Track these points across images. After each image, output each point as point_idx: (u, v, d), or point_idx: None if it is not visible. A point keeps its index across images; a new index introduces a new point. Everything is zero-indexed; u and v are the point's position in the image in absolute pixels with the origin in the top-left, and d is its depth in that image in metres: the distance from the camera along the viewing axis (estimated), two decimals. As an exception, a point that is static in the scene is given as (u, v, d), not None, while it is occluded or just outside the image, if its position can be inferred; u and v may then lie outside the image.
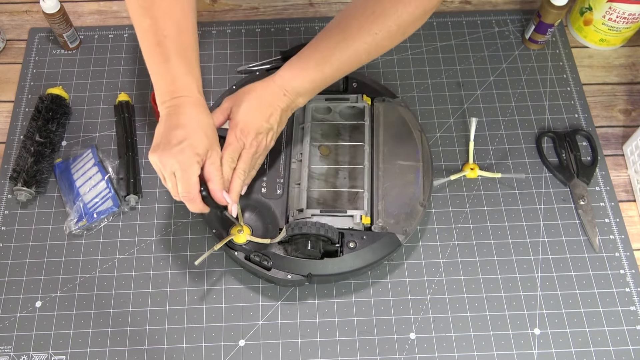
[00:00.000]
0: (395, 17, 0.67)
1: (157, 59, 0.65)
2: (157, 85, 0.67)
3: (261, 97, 0.71)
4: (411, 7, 0.66)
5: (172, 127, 0.64)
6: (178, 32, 0.65)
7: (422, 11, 0.67)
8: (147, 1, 0.64)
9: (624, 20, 0.91)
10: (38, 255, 0.79)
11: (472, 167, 0.85)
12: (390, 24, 0.67)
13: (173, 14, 0.65)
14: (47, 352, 0.73)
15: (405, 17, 0.67)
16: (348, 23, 0.69)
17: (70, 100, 0.91)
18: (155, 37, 0.65)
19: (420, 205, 0.76)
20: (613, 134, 0.90)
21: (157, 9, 0.64)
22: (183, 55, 0.65)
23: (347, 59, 0.70)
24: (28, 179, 0.80)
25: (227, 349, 0.74)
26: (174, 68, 0.65)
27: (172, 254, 0.80)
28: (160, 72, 0.66)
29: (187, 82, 0.66)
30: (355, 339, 0.75)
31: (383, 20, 0.67)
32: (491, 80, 0.94)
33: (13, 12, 1.01)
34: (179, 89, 0.65)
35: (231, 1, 1.03)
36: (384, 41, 0.69)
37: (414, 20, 0.68)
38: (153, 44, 0.65)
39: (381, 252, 0.73)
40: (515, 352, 0.74)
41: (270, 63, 0.93)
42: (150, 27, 0.64)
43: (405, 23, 0.68)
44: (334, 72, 0.71)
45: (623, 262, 0.80)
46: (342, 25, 0.70)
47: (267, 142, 0.71)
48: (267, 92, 0.71)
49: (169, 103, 0.65)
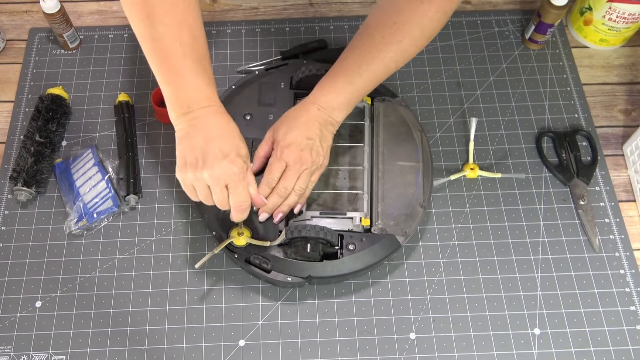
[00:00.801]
0: (417, 24, 0.68)
1: (173, 68, 0.62)
2: (175, 96, 0.63)
3: (297, 117, 0.72)
4: (431, 12, 0.67)
5: (210, 140, 0.63)
6: (193, 40, 0.63)
7: (443, 14, 0.68)
8: (158, 8, 0.60)
9: (624, 20, 0.91)
10: (38, 255, 0.79)
11: (472, 167, 0.85)
12: (413, 32, 0.68)
13: (187, 22, 0.62)
14: (47, 352, 0.73)
15: (427, 22, 0.68)
16: (371, 35, 0.70)
17: (70, 100, 0.91)
18: (170, 45, 0.61)
19: (420, 206, 0.76)
20: (613, 134, 0.90)
21: (170, 16, 0.61)
22: (200, 63, 0.64)
23: (375, 69, 0.71)
24: (28, 179, 0.80)
25: (227, 349, 0.74)
26: (193, 78, 0.63)
27: (172, 254, 0.80)
28: (178, 83, 0.63)
29: (209, 92, 0.65)
30: (355, 339, 0.75)
31: (405, 28, 0.68)
32: (491, 80, 0.94)
33: (13, 12, 1.01)
34: (202, 99, 0.64)
35: (231, 1, 1.03)
36: (410, 48, 0.70)
37: (435, 23, 0.68)
38: (166, 53, 0.62)
39: (381, 253, 0.73)
40: (515, 352, 0.74)
41: (270, 63, 0.93)
42: (163, 35, 0.61)
43: (428, 28, 0.69)
44: (365, 83, 0.71)
45: (623, 262, 0.80)
46: (366, 38, 0.71)
47: (314, 158, 0.71)
48: (302, 111, 0.73)
49: (192, 115, 0.64)
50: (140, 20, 0.62)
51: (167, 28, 0.61)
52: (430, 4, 0.66)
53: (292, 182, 0.71)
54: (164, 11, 0.61)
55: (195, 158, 0.63)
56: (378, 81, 0.73)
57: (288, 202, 0.72)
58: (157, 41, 0.62)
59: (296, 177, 0.71)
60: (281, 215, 0.73)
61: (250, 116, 0.81)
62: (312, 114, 0.72)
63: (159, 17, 0.61)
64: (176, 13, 0.61)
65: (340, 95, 0.72)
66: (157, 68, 0.64)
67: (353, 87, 0.72)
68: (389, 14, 0.69)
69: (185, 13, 0.62)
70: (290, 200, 0.72)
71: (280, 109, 0.82)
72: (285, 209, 0.73)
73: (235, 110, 0.82)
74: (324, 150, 0.73)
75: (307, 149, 0.71)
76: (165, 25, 0.61)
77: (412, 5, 0.67)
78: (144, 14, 0.61)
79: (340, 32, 0.98)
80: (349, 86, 0.71)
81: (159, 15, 0.61)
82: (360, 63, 0.70)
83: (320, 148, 0.72)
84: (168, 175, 0.85)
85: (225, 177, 0.64)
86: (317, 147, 0.72)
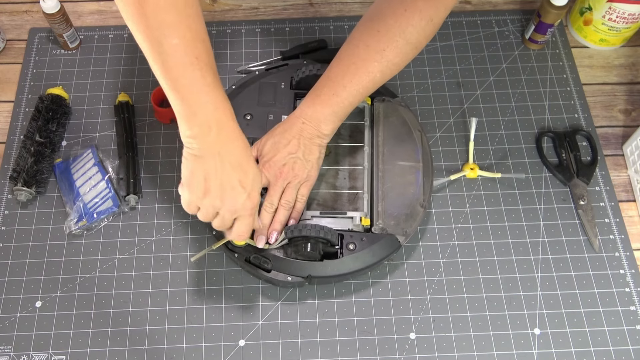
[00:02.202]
0: (400, 32, 0.66)
1: (189, 84, 0.55)
2: (192, 114, 0.56)
3: (282, 132, 0.72)
4: (414, 19, 0.65)
5: (228, 170, 0.60)
6: (208, 53, 0.56)
7: (428, 21, 0.66)
8: (169, 18, 0.52)
9: (623, 20, 0.91)
10: (38, 255, 0.79)
11: (472, 167, 0.85)
12: (396, 39, 0.67)
13: (199, 33, 0.54)
14: (47, 352, 0.73)
15: (410, 30, 0.66)
16: (355, 45, 0.69)
17: (70, 100, 0.91)
18: (185, 59, 0.54)
19: (421, 206, 0.76)
20: (613, 134, 0.90)
21: (184, 28, 0.53)
22: (216, 77, 0.57)
23: (360, 80, 0.69)
24: (28, 179, 0.80)
25: (227, 349, 0.74)
26: (212, 94, 0.56)
27: (172, 254, 0.80)
28: (194, 100, 0.56)
29: (228, 109, 0.59)
30: (355, 339, 0.75)
31: (389, 37, 0.67)
32: (491, 80, 0.94)
33: (13, 12, 1.01)
34: (221, 118, 0.58)
35: (231, 1, 1.03)
36: (395, 57, 0.68)
37: (420, 31, 0.67)
38: (181, 68, 0.54)
39: (381, 253, 0.73)
40: (515, 352, 0.74)
41: (270, 63, 0.93)
42: (177, 47, 0.53)
43: (412, 36, 0.67)
44: (351, 95, 0.70)
45: (623, 262, 0.80)
46: (350, 48, 0.70)
47: (296, 172, 0.71)
48: (287, 125, 0.72)
49: (210, 137, 0.58)
50: (148, 33, 0.53)
51: (182, 40, 0.53)
52: (414, 11, 0.65)
53: (277, 197, 0.71)
54: (175, 22, 0.53)
55: (209, 184, 0.61)
56: (365, 92, 0.71)
57: (279, 219, 0.72)
58: (170, 55, 0.54)
59: (280, 192, 0.71)
60: (275, 234, 0.71)
61: (251, 116, 0.81)
62: (296, 128, 0.72)
63: (173, 29, 0.53)
64: (189, 24, 0.54)
65: (325, 107, 0.71)
66: (170, 84, 0.56)
67: (338, 99, 0.70)
68: (373, 22, 0.68)
69: (197, 24, 0.55)
70: (281, 216, 0.72)
71: (281, 109, 0.82)
72: (277, 226, 0.71)
73: (235, 110, 0.81)
74: (309, 164, 0.72)
75: (289, 163, 0.71)
76: (181, 37, 0.53)
77: (395, 13, 0.66)
78: (154, 26, 0.52)
79: (340, 32, 0.98)
80: (333, 97, 0.70)
81: (172, 26, 0.53)
82: (344, 74, 0.69)
83: (305, 162, 0.72)
84: (168, 175, 0.85)
85: (241, 210, 0.64)
86: (301, 161, 0.71)
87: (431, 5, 0.65)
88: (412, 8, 0.65)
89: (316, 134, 0.72)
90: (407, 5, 0.66)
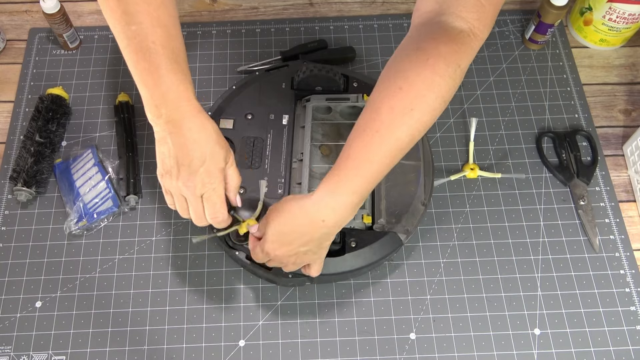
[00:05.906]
0: (427, 85, 0.57)
1: (147, 68, 0.58)
2: (150, 97, 0.59)
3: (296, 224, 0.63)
4: (440, 68, 0.56)
5: (184, 146, 0.60)
6: (168, 38, 0.58)
7: (456, 67, 0.57)
8: (132, 6, 0.57)
9: (624, 20, 0.91)
10: (38, 255, 0.79)
11: (472, 167, 0.85)
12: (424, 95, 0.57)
13: (160, 19, 0.58)
14: (47, 352, 0.73)
15: (438, 81, 0.56)
16: (377, 109, 0.58)
17: (70, 101, 0.91)
18: (143, 44, 0.57)
19: (422, 204, 0.76)
20: (613, 134, 0.90)
21: (143, 14, 0.57)
22: (175, 61, 0.59)
23: (387, 151, 0.58)
24: (28, 179, 0.80)
25: (227, 349, 0.74)
26: (166, 76, 0.58)
27: (172, 254, 0.80)
28: (151, 83, 0.59)
29: (182, 90, 0.60)
30: (355, 339, 0.75)
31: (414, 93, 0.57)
32: (491, 80, 0.94)
33: (13, 12, 1.01)
34: (176, 99, 0.59)
35: (231, 1, 1.03)
36: (424, 116, 0.58)
37: (449, 80, 0.57)
38: (140, 52, 0.58)
39: (382, 251, 0.73)
40: (515, 352, 0.74)
41: (270, 63, 0.93)
42: (136, 33, 0.57)
43: (441, 88, 0.57)
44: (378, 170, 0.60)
45: (623, 262, 0.80)
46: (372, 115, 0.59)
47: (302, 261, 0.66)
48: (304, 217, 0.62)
49: (166, 117, 0.60)
50: (115, 19, 0.58)
51: (139, 26, 0.57)
52: (438, 58, 0.56)
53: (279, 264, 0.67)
54: (137, 9, 0.57)
55: (170, 165, 0.61)
56: (393, 163, 0.60)
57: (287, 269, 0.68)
58: (131, 39, 0.58)
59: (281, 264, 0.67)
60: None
61: (252, 115, 0.81)
62: (315, 227, 0.62)
63: (133, 15, 0.57)
64: (150, 11, 0.58)
65: (351, 195, 0.60)
66: (132, 69, 0.60)
67: (363, 180, 0.60)
68: (393, 79, 0.57)
69: (160, 10, 0.58)
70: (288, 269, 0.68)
71: (281, 109, 0.82)
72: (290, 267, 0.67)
73: (236, 110, 0.82)
74: (316, 255, 0.66)
75: (293, 256, 0.65)
76: (138, 22, 0.57)
77: (418, 65, 0.56)
78: (118, 13, 0.58)
79: (340, 32, 0.98)
80: (357, 179, 0.59)
81: (132, 13, 0.57)
82: (369, 147, 0.58)
83: (312, 253, 0.65)
84: (168, 175, 0.85)
85: (199, 188, 0.61)
86: (311, 253, 0.65)
87: (456, 50, 0.56)
88: (436, 55, 0.56)
89: (332, 232, 0.63)
90: (430, 53, 0.56)
